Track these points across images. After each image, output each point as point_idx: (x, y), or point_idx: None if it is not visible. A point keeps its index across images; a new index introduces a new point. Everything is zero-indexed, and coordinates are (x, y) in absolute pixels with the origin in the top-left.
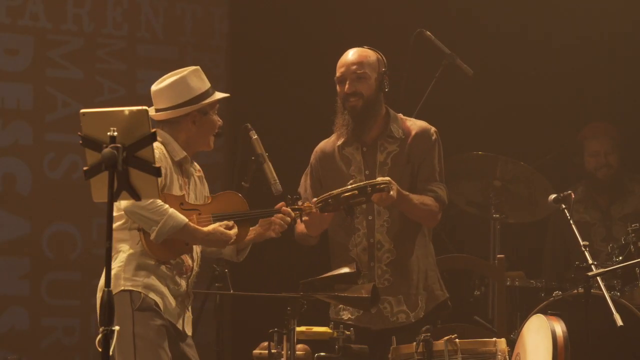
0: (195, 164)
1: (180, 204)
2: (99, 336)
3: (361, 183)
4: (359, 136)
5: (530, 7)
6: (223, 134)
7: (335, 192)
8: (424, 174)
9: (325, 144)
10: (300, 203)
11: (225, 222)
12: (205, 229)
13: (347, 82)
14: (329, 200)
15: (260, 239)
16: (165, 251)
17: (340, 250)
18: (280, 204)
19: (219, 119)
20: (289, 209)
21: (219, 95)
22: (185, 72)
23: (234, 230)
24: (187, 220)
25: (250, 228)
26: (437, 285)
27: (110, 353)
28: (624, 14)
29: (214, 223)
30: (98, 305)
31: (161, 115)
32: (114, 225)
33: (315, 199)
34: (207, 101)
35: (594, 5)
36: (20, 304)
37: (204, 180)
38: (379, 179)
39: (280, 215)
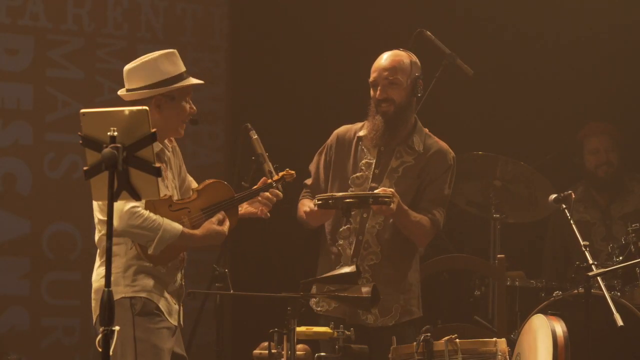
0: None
1: (169, 206)
2: (99, 336)
3: (364, 193)
4: (383, 138)
5: (529, 7)
6: (199, 121)
7: (337, 195)
8: (429, 195)
9: (347, 130)
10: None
11: (217, 216)
12: (200, 231)
13: (379, 88)
14: (330, 201)
15: (247, 216)
16: (163, 257)
17: (329, 238)
18: (262, 179)
19: (192, 106)
20: (276, 191)
21: (192, 81)
22: (157, 54)
23: (226, 224)
24: (181, 228)
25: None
26: (415, 301)
27: (111, 353)
28: (624, 13)
29: (204, 218)
30: (93, 306)
31: (127, 96)
32: (103, 232)
33: (316, 196)
34: (173, 86)
35: (594, 5)
36: (20, 304)
37: (177, 150)
38: (382, 190)
39: (265, 194)
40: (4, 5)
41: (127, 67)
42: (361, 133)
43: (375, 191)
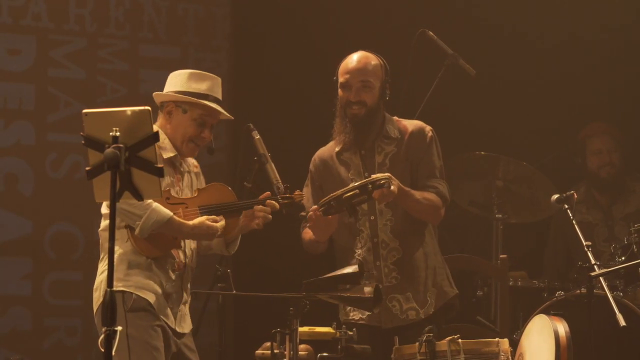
0: (190, 159)
1: (166, 198)
2: (101, 336)
3: (362, 181)
4: (357, 142)
5: (531, 7)
6: (214, 150)
7: (336, 193)
8: (423, 172)
9: (323, 152)
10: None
11: (213, 217)
12: (191, 222)
13: (353, 90)
14: (332, 203)
15: (244, 231)
16: (152, 247)
17: (346, 254)
18: (266, 193)
19: (206, 132)
20: (273, 202)
21: (210, 104)
22: (198, 71)
23: (221, 223)
24: (171, 214)
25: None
26: (447, 282)
27: (113, 353)
28: (625, 13)
29: (200, 215)
30: (94, 305)
31: (155, 96)
32: (103, 225)
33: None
34: (180, 96)
35: (596, 6)
36: (22, 304)
37: (201, 176)
38: (379, 175)
39: (260, 207)
40: (6, 5)
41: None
42: (337, 148)
43: (372, 176)
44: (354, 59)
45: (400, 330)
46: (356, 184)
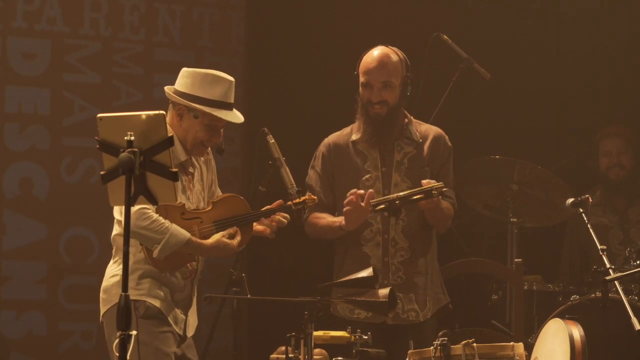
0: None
1: (181, 214)
2: (116, 340)
3: (428, 186)
4: (378, 139)
5: (546, 12)
6: (224, 150)
7: (402, 194)
8: (443, 180)
9: (337, 138)
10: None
11: (228, 231)
12: (208, 242)
13: (374, 91)
14: (396, 202)
15: (256, 235)
16: (169, 264)
17: (351, 244)
18: (279, 201)
19: (217, 136)
20: (285, 215)
21: (218, 113)
22: (214, 72)
23: (237, 238)
24: (189, 235)
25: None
26: (441, 289)
27: (128, 358)
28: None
29: (215, 230)
30: (101, 304)
31: (167, 89)
32: (118, 231)
33: (372, 199)
34: (194, 105)
35: (613, 10)
36: (38, 308)
37: (211, 164)
38: (441, 183)
39: (279, 218)
40: (21, 10)
41: (185, 68)
42: (354, 137)
43: (422, 182)
44: (374, 56)
45: (401, 329)
46: (424, 188)
